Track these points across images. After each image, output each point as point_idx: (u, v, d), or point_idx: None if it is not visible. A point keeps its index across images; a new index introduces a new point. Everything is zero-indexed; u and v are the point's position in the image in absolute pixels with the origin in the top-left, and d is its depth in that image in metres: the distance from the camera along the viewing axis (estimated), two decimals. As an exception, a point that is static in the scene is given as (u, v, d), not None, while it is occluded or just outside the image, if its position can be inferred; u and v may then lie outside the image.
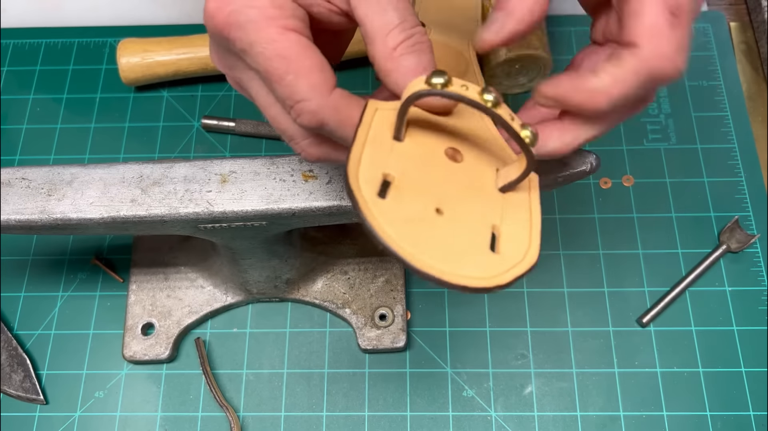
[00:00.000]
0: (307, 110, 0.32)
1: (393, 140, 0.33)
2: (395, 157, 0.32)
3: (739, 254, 0.58)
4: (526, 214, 0.34)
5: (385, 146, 0.33)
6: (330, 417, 0.54)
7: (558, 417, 0.53)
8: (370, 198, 0.30)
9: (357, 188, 0.30)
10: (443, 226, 0.31)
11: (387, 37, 0.32)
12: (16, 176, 0.44)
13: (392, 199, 0.31)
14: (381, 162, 0.32)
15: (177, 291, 0.57)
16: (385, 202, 0.30)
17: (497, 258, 0.31)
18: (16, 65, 0.69)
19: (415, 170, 0.32)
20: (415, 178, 0.32)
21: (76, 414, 0.54)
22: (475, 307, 0.57)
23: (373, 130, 0.33)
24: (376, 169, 0.31)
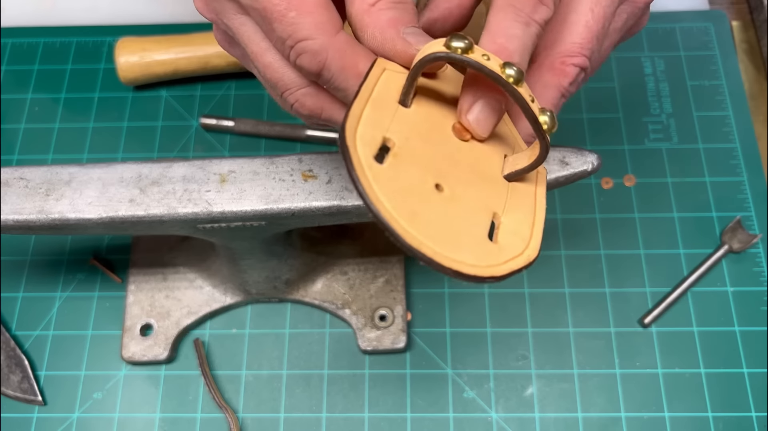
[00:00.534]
0: (309, 49, 0.30)
1: (398, 105, 0.31)
2: (398, 122, 0.30)
3: (741, 254, 0.58)
4: (530, 206, 0.32)
5: (388, 109, 0.30)
6: (330, 419, 0.53)
7: (559, 418, 0.53)
8: (366, 160, 0.27)
9: (353, 146, 0.27)
10: (441, 205, 0.29)
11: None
12: (14, 176, 0.44)
13: (390, 166, 0.28)
14: (382, 124, 0.29)
15: (176, 292, 0.56)
16: (382, 168, 0.28)
17: (494, 248, 0.29)
18: (14, 64, 0.69)
19: (418, 140, 0.30)
20: (417, 148, 0.30)
21: (74, 415, 0.54)
22: (475, 308, 0.57)
23: (379, 89, 0.30)
24: (376, 130, 0.29)
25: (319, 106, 0.33)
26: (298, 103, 0.33)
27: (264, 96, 0.66)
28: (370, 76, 0.30)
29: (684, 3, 0.70)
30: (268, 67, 0.33)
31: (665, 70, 0.66)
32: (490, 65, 0.28)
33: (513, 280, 0.57)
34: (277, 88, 0.33)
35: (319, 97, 0.33)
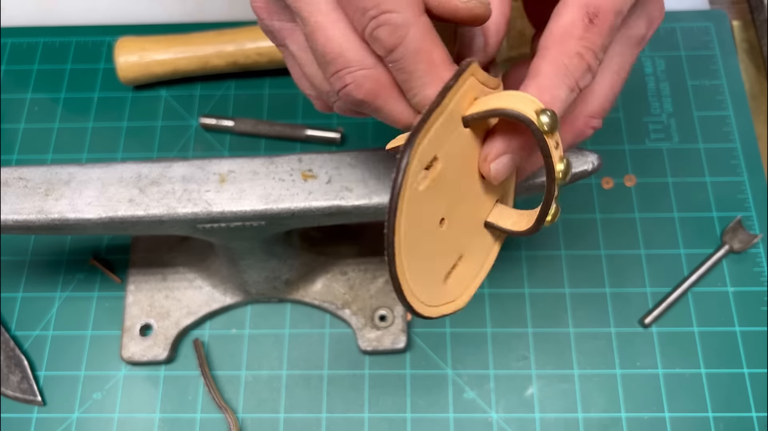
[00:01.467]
0: (392, 22, 0.28)
1: (460, 122, 0.30)
2: (451, 143, 0.30)
3: (741, 254, 0.58)
4: (481, 260, 0.33)
5: (453, 126, 0.30)
6: (329, 419, 0.53)
7: (559, 418, 0.53)
8: (413, 178, 0.28)
9: (412, 159, 0.28)
10: (434, 239, 0.30)
11: None
12: (13, 176, 0.44)
13: (426, 190, 0.29)
14: (441, 142, 0.29)
15: (175, 292, 0.56)
16: (418, 192, 0.29)
17: (442, 290, 0.31)
18: (13, 64, 0.69)
19: (453, 167, 0.30)
20: (450, 176, 0.30)
21: (74, 416, 0.54)
22: (475, 308, 0.57)
23: (457, 100, 0.30)
24: (434, 148, 0.29)
25: (376, 91, 0.31)
26: (355, 84, 0.30)
27: (264, 96, 0.66)
28: (459, 81, 0.29)
29: (684, 3, 0.70)
30: (330, 40, 0.30)
31: (666, 70, 0.66)
32: (525, 111, 0.29)
33: (513, 280, 0.57)
34: (335, 64, 0.30)
35: (379, 82, 0.30)
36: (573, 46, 0.31)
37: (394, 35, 0.29)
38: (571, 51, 0.31)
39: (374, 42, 0.29)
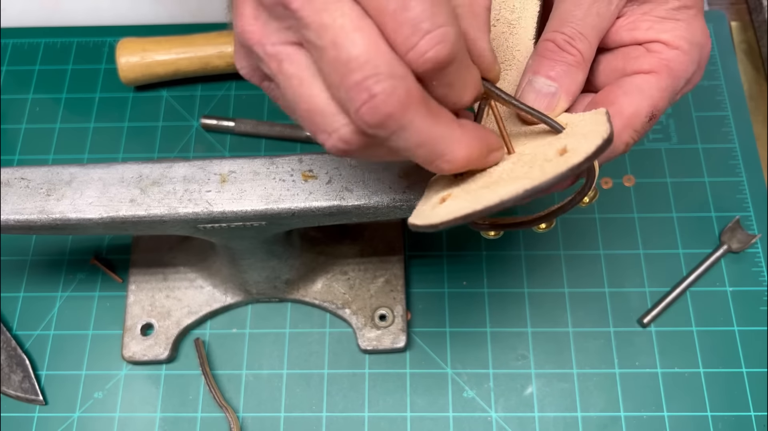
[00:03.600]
0: (449, 38, 0.27)
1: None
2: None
3: (740, 254, 0.58)
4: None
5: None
6: (330, 418, 0.54)
7: (559, 417, 0.53)
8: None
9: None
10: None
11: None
12: (15, 176, 0.44)
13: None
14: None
15: (176, 292, 0.57)
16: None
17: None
18: (15, 65, 0.69)
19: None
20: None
21: (75, 415, 0.54)
22: (475, 308, 0.57)
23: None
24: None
25: (406, 104, 0.28)
26: (384, 95, 0.27)
27: (264, 96, 0.66)
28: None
29: (683, 3, 0.70)
30: (357, 44, 0.27)
31: (665, 71, 0.66)
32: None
33: (513, 280, 0.58)
34: (361, 70, 0.27)
35: (411, 94, 0.28)
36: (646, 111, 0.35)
37: (446, 49, 0.27)
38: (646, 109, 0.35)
39: (424, 54, 0.27)
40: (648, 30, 0.35)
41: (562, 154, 0.31)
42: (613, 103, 0.35)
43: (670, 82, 0.35)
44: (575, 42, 0.34)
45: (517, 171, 0.32)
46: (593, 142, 0.30)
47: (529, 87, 0.35)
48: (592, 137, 0.30)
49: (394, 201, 0.41)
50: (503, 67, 0.39)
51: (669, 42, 0.35)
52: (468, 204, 0.30)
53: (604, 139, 0.30)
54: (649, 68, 0.35)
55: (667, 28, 0.35)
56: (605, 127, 0.31)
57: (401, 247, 0.57)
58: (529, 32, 0.39)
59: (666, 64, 0.35)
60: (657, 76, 0.35)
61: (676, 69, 0.35)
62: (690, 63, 0.35)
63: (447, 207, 0.31)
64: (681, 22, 0.35)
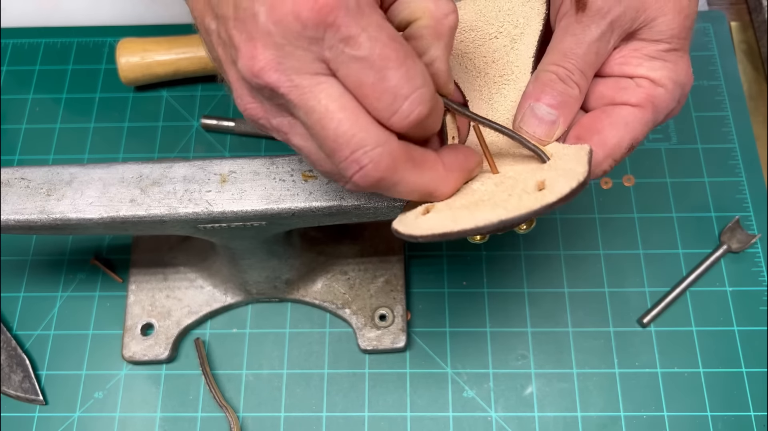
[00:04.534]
0: (429, 98, 0.31)
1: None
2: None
3: (739, 254, 0.58)
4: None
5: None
6: (330, 418, 0.54)
7: (558, 417, 0.53)
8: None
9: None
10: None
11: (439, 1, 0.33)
12: (15, 176, 0.44)
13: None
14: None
15: (176, 292, 0.57)
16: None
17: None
18: (15, 65, 0.69)
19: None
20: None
21: (75, 415, 0.54)
22: (475, 308, 0.57)
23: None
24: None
25: (393, 166, 0.31)
26: (372, 164, 0.31)
27: (264, 96, 0.66)
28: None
29: (683, 3, 0.70)
30: (342, 122, 0.30)
31: (664, 71, 0.67)
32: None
33: (512, 280, 0.58)
34: (349, 146, 0.30)
35: (395, 155, 0.31)
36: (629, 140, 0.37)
37: (430, 107, 0.31)
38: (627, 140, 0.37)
39: (408, 123, 0.31)
40: (638, 66, 0.38)
41: (540, 189, 0.33)
42: (599, 132, 0.37)
43: (652, 117, 0.37)
44: (574, 76, 0.37)
45: (498, 196, 0.34)
46: (569, 184, 0.32)
47: (530, 113, 0.37)
48: (570, 177, 0.33)
49: (393, 201, 0.41)
50: (501, 81, 0.40)
51: (656, 80, 0.37)
52: (448, 223, 0.32)
53: (579, 182, 0.32)
54: (636, 102, 0.37)
55: (655, 66, 0.37)
56: (584, 168, 0.33)
57: (401, 247, 0.57)
58: (530, 49, 0.41)
59: (651, 100, 0.37)
60: (642, 110, 0.37)
61: (659, 105, 0.37)
62: (672, 100, 0.38)
63: (428, 221, 0.33)
64: (668, 62, 0.37)
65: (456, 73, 0.41)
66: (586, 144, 0.36)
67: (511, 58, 0.41)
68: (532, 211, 0.32)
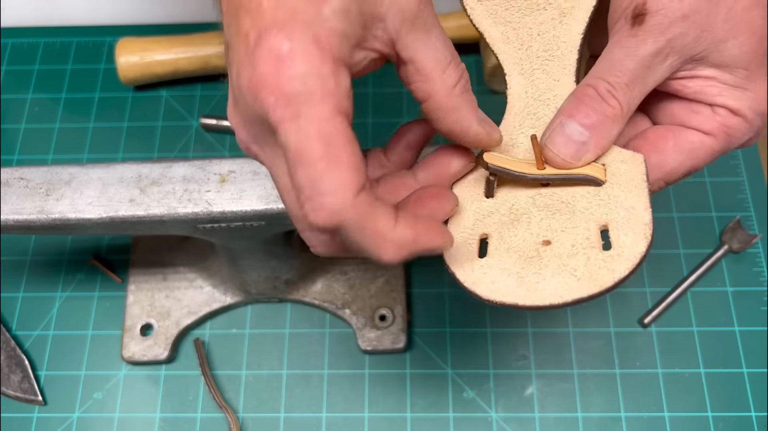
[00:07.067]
0: (327, 208, 0.27)
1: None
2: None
3: (740, 254, 0.58)
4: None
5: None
6: (330, 419, 0.53)
7: (559, 418, 0.53)
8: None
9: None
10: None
11: (444, 74, 0.31)
12: (14, 176, 0.44)
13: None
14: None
15: (176, 292, 0.56)
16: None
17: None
18: (14, 64, 0.69)
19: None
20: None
21: (74, 415, 0.54)
22: (475, 308, 0.57)
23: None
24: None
25: (338, 250, 0.32)
26: (315, 249, 0.32)
27: (264, 96, 0.66)
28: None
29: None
30: (291, 205, 0.31)
31: (665, 70, 0.66)
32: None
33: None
34: (296, 224, 0.31)
35: (336, 244, 0.31)
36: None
37: (332, 220, 0.28)
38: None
39: (313, 224, 0.28)
40: (717, 96, 0.35)
41: (604, 244, 0.32)
42: (660, 152, 0.35)
43: (723, 147, 0.35)
44: (617, 93, 0.34)
45: (558, 242, 0.33)
46: (638, 247, 0.32)
47: (560, 129, 0.34)
48: (636, 230, 0.32)
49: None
50: (545, 56, 0.37)
51: (736, 110, 0.35)
52: (513, 289, 0.32)
53: (648, 244, 0.32)
54: (709, 130, 0.35)
55: (736, 95, 0.35)
56: (647, 214, 0.33)
57: (401, 247, 0.57)
58: (580, 25, 0.38)
59: (726, 131, 0.35)
60: (713, 140, 0.35)
61: (734, 136, 0.35)
62: (750, 131, 0.35)
63: (487, 271, 0.33)
64: (749, 91, 0.35)
65: (496, 43, 0.38)
66: (640, 154, 0.34)
67: (559, 32, 0.38)
68: (605, 289, 0.31)
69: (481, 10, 0.39)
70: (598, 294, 0.31)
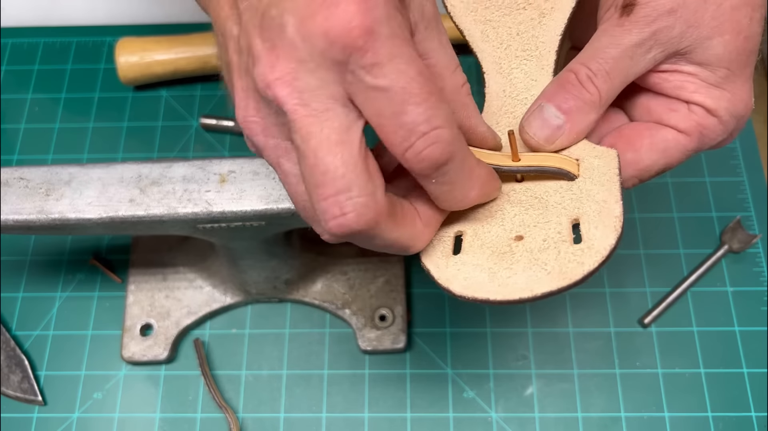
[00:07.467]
0: (446, 138, 0.29)
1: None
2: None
3: (740, 254, 0.58)
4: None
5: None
6: (330, 419, 0.53)
7: (559, 418, 0.53)
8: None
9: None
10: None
11: (453, 74, 0.32)
12: (14, 176, 0.44)
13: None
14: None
15: (176, 292, 0.56)
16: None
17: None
18: (14, 64, 0.69)
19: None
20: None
21: (74, 415, 0.54)
22: (475, 308, 0.57)
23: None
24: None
25: (376, 221, 0.30)
26: (355, 214, 0.29)
27: (264, 96, 0.66)
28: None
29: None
30: (337, 157, 0.28)
31: (665, 70, 0.66)
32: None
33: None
34: (334, 184, 0.28)
35: (380, 210, 0.29)
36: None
37: (447, 150, 0.29)
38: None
39: (420, 162, 0.29)
40: (694, 93, 0.35)
41: (574, 238, 0.32)
42: (635, 150, 0.35)
43: (696, 146, 0.36)
44: (597, 80, 0.34)
45: (531, 236, 0.33)
46: (607, 239, 0.32)
47: (537, 113, 0.35)
48: (606, 223, 0.32)
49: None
50: (524, 56, 0.38)
51: (712, 110, 0.35)
52: (485, 284, 0.32)
53: (618, 236, 0.32)
54: (684, 128, 0.35)
55: (714, 95, 0.35)
56: (618, 207, 0.32)
57: (401, 247, 0.57)
58: (558, 26, 0.38)
59: (701, 130, 0.35)
60: (688, 139, 0.35)
61: (707, 136, 0.35)
62: (723, 132, 0.36)
63: (461, 268, 0.33)
64: (727, 92, 0.35)
65: (474, 41, 0.39)
66: (614, 150, 0.34)
67: (538, 32, 0.38)
68: (574, 282, 0.31)
69: (462, 7, 0.39)
70: (567, 287, 0.31)
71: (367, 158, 0.29)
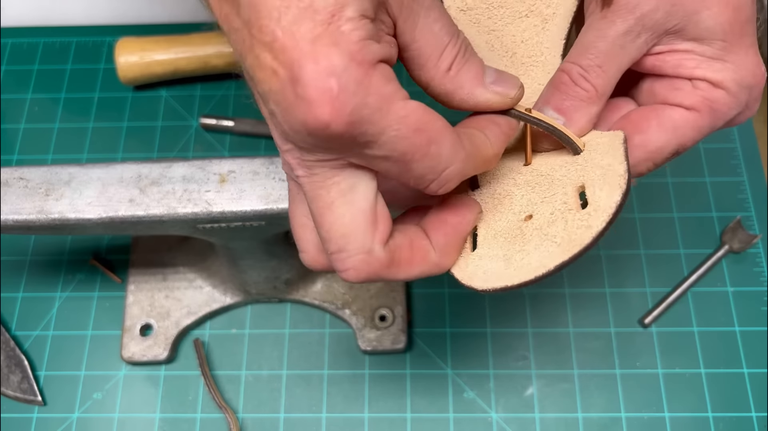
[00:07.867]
0: (456, 174, 0.30)
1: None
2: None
3: (741, 254, 0.58)
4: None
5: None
6: (330, 419, 0.53)
7: (559, 418, 0.53)
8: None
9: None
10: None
11: (440, 59, 0.31)
12: (14, 176, 0.44)
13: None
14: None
15: (175, 292, 0.56)
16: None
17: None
18: (13, 64, 0.69)
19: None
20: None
21: (74, 416, 0.54)
22: (475, 308, 0.57)
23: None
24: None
25: (375, 273, 0.32)
26: (354, 270, 0.31)
27: (264, 96, 0.66)
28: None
29: (684, 3, 0.70)
30: (339, 218, 0.30)
31: (665, 70, 0.66)
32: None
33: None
34: (334, 243, 0.31)
35: (376, 265, 0.32)
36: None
37: (458, 180, 0.31)
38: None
39: (434, 193, 0.31)
40: (695, 68, 0.34)
41: (582, 203, 0.32)
42: (643, 132, 0.35)
43: (709, 122, 0.35)
44: (590, 75, 0.34)
45: (539, 213, 0.33)
46: (612, 197, 0.31)
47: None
48: (611, 182, 0.32)
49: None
50: (530, 62, 0.38)
51: (717, 82, 0.34)
52: (502, 271, 0.33)
53: (623, 192, 0.31)
54: (690, 105, 0.34)
55: (716, 68, 0.34)
56: (622, 166, 0.32)
57: (401, 247, 0.57)
58: (562, 30, 0.38)
59: (709, 104, 0.34)
60: (697, 115, 0.34)
61: (718, 110, 0.34)
62: (735, 105, 0.34)
63: (480, 263, 0.33)
64: (729, 63, 0.34)
65: (481, 51, 0.39)
66: (620, 131, 0.34)
67: (542, 38, 0.38)
68: (584, 246, 0.31)
69: (465, 19, 0.39)
70: (578, 254, 0.31)
71: (376, 206, 0.31)
